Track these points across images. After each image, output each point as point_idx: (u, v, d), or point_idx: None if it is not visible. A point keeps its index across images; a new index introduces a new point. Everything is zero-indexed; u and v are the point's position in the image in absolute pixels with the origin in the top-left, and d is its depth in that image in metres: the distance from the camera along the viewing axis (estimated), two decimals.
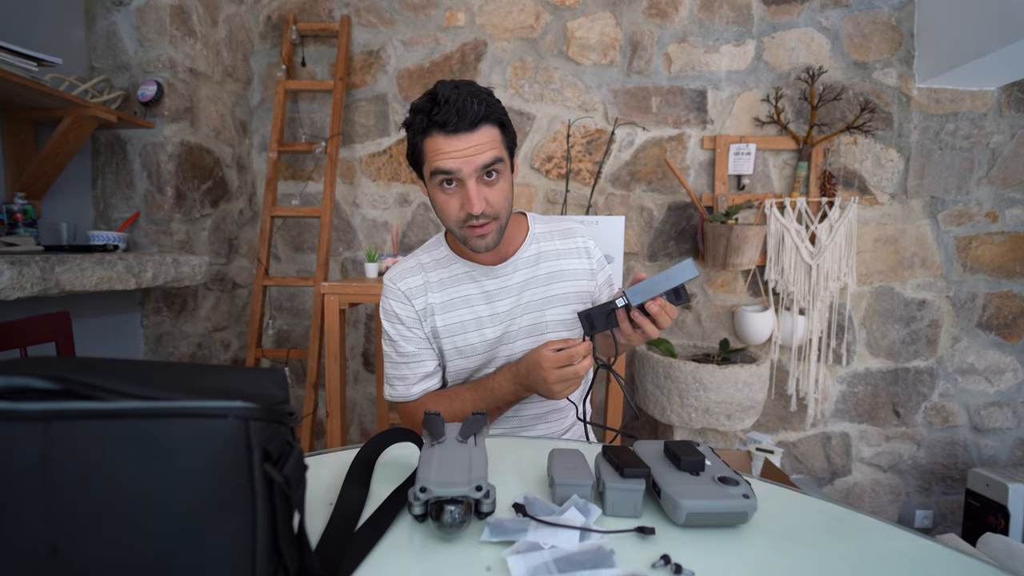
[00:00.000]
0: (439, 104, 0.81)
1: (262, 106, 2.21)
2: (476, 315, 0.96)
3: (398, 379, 0.98)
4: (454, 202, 0.85)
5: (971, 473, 1.98)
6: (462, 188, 0.84)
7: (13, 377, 0.34)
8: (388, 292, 0.98)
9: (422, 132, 0.84)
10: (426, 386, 0.98)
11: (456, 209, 0.85)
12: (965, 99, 2.05)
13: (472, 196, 0.83)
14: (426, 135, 0.83)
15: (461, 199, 0.85)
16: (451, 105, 0.80)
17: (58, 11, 1.62)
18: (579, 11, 2.11)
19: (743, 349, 2.00)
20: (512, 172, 0.92)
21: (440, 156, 0.82)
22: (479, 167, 0.82)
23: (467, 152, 0.82)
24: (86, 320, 1.57)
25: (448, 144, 0.82)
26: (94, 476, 0.34)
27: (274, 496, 0.38)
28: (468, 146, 0.82)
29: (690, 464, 0.57)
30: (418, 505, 0.50)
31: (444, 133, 0.81)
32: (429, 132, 0.83)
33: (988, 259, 2.10)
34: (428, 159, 0.84)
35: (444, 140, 0.82)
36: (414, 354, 0.96)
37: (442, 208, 0.87)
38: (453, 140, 0.82)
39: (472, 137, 0.82)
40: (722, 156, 2.08)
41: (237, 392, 0.36)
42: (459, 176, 0.83)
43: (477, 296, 0.96)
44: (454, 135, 0.81)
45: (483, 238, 0.87)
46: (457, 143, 0.82)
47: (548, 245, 1.00)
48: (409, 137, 0.87)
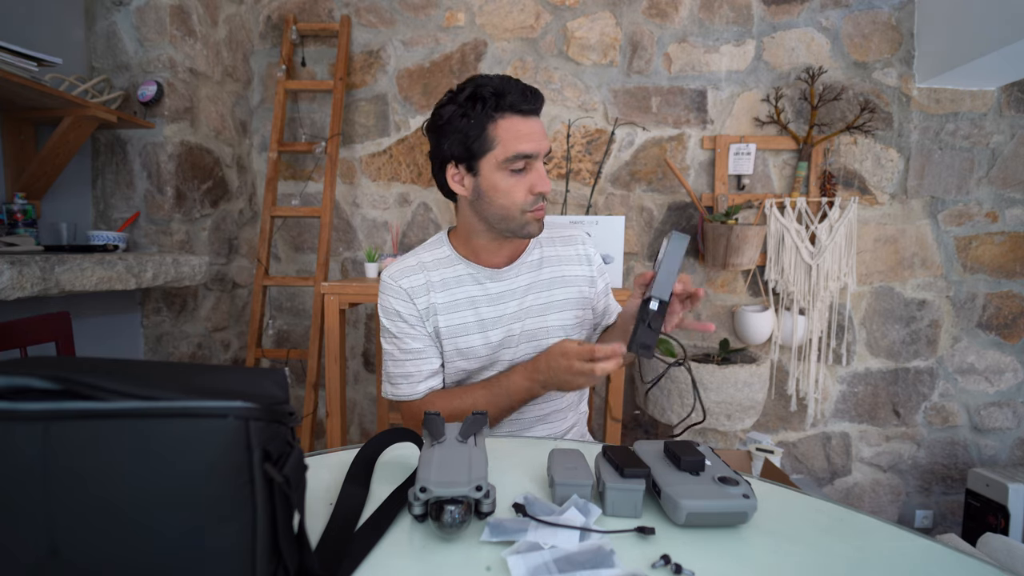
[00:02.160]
0: (509, 89, 0.84)
1: (262, 106, 2.21)
2: (479, 317, 0.95)
3: (402, 377, 0.96)
4: (522, 185, 0.87)
5: (971, 473, 1.98)
6: (530, 171, 0.87)
7: (13, 377, 0.34)
8: (388, 289, 0.96)
9: (489, 117, 0.84)
10: (431, 384, 0.96)
11: (524, 192, 0.87)
12: (965, 99, 2.05)
13: (544, 175, 0.87)
14: (494, 119, 0.84)
15: (530, 181, 0.87)
16: (522, 88, 0.85)
17: (58, 11, 1.62)
18: (579, 11, 2.11)
19: (743, 349, 2.00)
20: None
21: (521, 138, 0.84)
22: (547, 150, 0.88)
23: (539, 135, 0.86)
24: (86, 320, 1.57)
25: (527, 126, 0.85)
26: (94, 476, 0.34)
27: (274, 496, 0.38)
28: (538, 129, 0.87)
29: (690, 464, 0.57)
30: (418, 505, 0.50)
31: (521, 114, 0.85)
32: (501, 115, 0.84)
33: (988, 259, 2.10)
34: (503, 143, 0.85)
35: (522, 121, 0.85)
36: (420, 351, 0.95)
37: (508, 193, 0.87)
38: (530, 122, 0.86)
39: (539, 122, 0.88)
40: (722, 156, 2.08)
41: (237, 392, 0.37)
42: (535, 157, 0.86)
43: (481, 298, 0.95)
44: (530, 116, 0.86)
45: (539, 222, 0.91)
46: (534, 125, 0.86)
47: (551, 250, 1.00)
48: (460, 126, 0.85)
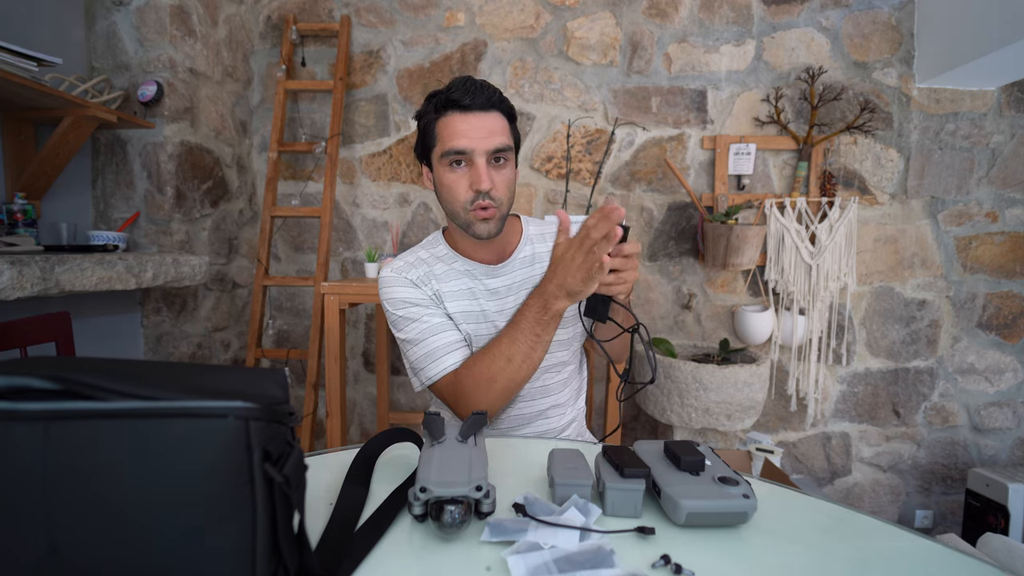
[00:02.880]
0: (455, 86, 0.84)
1: (262, 106, 2.21)
2: (482, 308, 0.96)
3: (426, 357, 0.90)
4: (463, 182, 0.86)
5: (971, 473, 1.98)
6: (471, 168, 0.85)
7: (13, 377, 0.34)
8: (393, 282, 0.94)
9: (435, 112, 0.86)
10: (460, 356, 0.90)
11: (464, 189, 0.86)
12: (965, 99, 2.05)
13: (482, 173, 0.84)
14: (440, 115, 0.86)
15: (470, 178, 0.85)
16: (467, 85, 0.84)
17: (58, 11, 1.62)
18: (579, 11, 2.11)
19: (743, 349, 2.00)
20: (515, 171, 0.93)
21: (454, 135, 0.84)
22: (491, 148, 0.85)
23: (481, 132, 0.84)
24: (86, 320, 1.57)
25: (463, 122, 0.84)
26: (94, 476, 0.34)
27: (274, 496, 0.38)
28: (482, 125, 0.84)
29: (690, 464, 0.57)
30: (418, 505, 0.50)
31: (459, 111, 0.84)
32: (444, 112, 0.85)
33: (988, 259, 2.10)
34: (441, 140, 0.86)
35: (460, 118, 0.84)
36: (439, 325, 0.91)
37: (450, 188, 0.87)
38: (468, 118, 0.84)
39: (485, 118, 0.85)
40: (722, 156, 2.08)
41: (237, 392, 0.37)
42: (471, 155, 0.84)
43: (481, 291, 0.96)
44: (469, 112, 0.84)
45: (487, 223, 0.87)
46: (472, 120, 0.84)
47: (542, 247, 1.00)
48: (421, 127, 0.89)
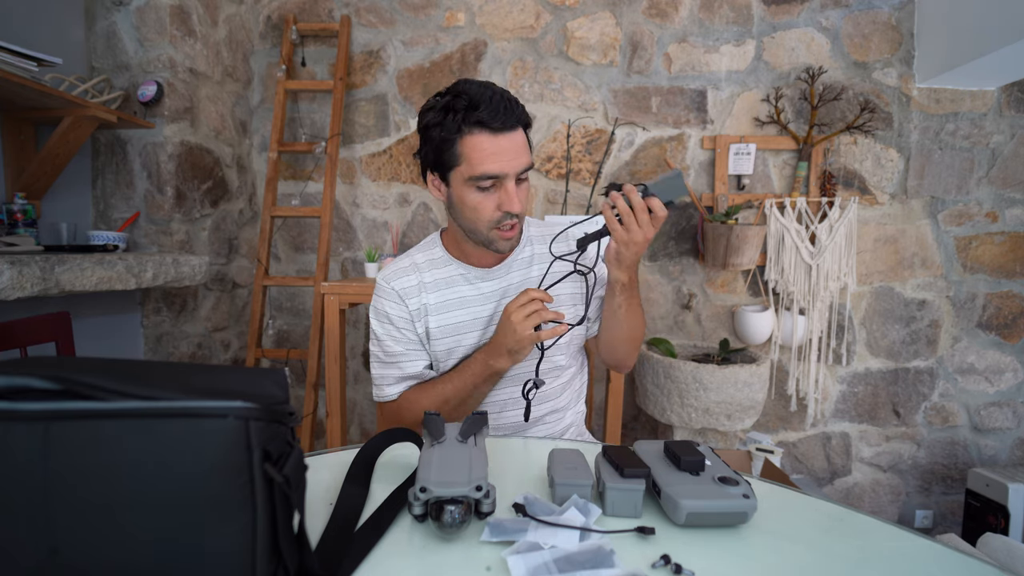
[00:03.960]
0: (482, 102, 0.79)
1: (262, 106, 2.21)
2: (473, 316, 0.95)
3: (379, 379, 0.99)
4: (489, 203, 0.84)
5: (971, 473, 1.98)
6: (499, 189, 0.84)
7: (13, 377, 0.34)
8: (381, 291, 0.97)
9: (458, 131, 0.81)
10: (405, 387, 0.98)
11: (491, 210, 0.85)
12: (965, 99, 2.05)
13: (513, 196, 0.83)
14: (463, 134, 0.81)
15: (498, 199, 0.84)
16: (495, 104, 0.80)
17: (58, 11, 1.62)
18: (579, 11, 2.11)
19: (743, 349, 2.00)
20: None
21: (487, 157, 0.81)
22: (520, 169, 0.83)
23: (510, 155, 0.82)
24: (86, 320, 1.57)
25: (494, 144, 0.81)
26: (94, 476, 0.34)
27: (274, 496, 0.38)
28: (512, 146, 0.82)
29: (690, 464, 0.57)
30: (418, 505, 0.50)
31: (490, 132, 0.80)
32: (469, 130, 0.81)
33: (988, 259, 2.10)
34: (468, 161, 0.82)
35: (490, 139, 0.81)
36: (400, 354, 0.96)
37: (476, 209, 0.85)
38: (499, 139, 0.81)
39: (514, 137, 0.82)
40: (722, 156, 2.08)
41: (237, 392, 0.37)
42: (504, 177, 0.82)
43: (473, 298, 0.96)
44: (500, 134, 0.81)
45: (510, 240, 0.88)
46: (503, 142, 0.81)
47: (541, 247, 0.99)
48: (434, 136, 0.84)
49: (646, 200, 0.82)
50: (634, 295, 0.93)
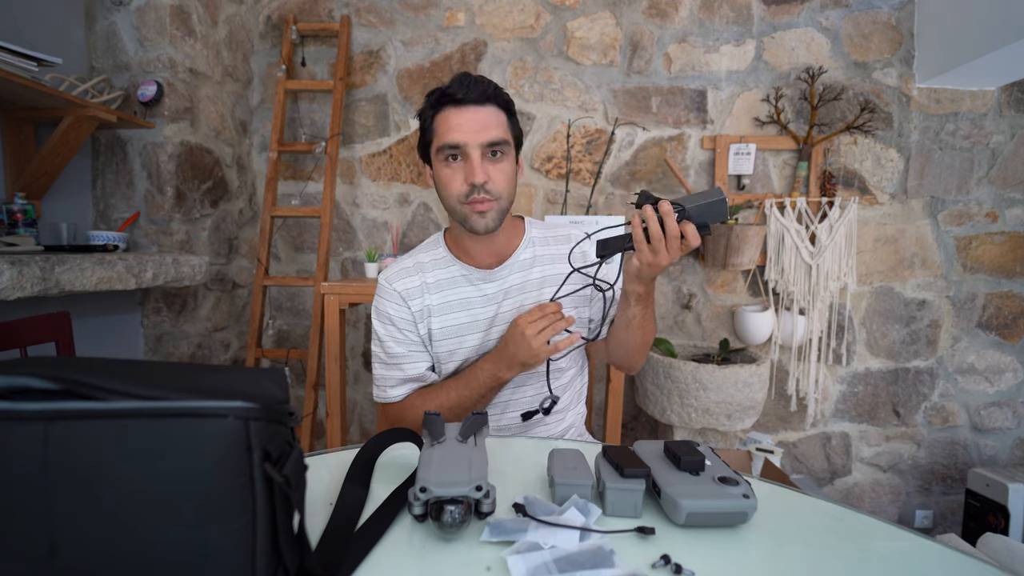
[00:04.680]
0: (453, 82, 0.85)
1: (262, 106, 2.21)
2: (474, 318, 0.95)
3: (381, 380, 0.99)
4: (458, 176, 0.86)
5: (971, 473, 1.98)
6: (466, 162, 0.85)
7: (13, 377, 0.34)
8: (383, 292, 0.97)
9: (433, 108, 0.87)
10: (407, 389, 0.98)
11: (459, 183, 0.86)
12: (965, 99, 2.05)
13: (476, 166, 0.84)
14: (437, 111, 0.86)
15: (465, 172, 0.85)
16: (463, 80, 0.84)
17: (58, 11, 1.62)
18: (579, 11, 2.11)
19: (743, 349, 2.00)
20: (517, 165, 0.92)
21: (451, 128, 0.85)
22: (485, 142, 0.84)
23: (475, 126, 0.84)
24: (86, 320, 1.57)
25: (458, 116, 0.84)
26: (94, 476, 0.34)
27: (274, 496, 0.38)
28: (476, 119, 0.84)
29: (690, 464, 0.57)
30: (418, 505, 0.50)
31: (454, 105, 0.84)
32: (441, 107, 0.86)
33: (988, 259, 2.10)
34: (438, 135, 0.86)
35: (454, 112, 0.84)
36: (402, 356, 0.96)
37: (445, 183, 0.88)
38: (463, 112, 0.84)
39: (480, 111, 0.84)
40: (722, 156, 2.08)
41: (237, 392, 0.37)
42: (465, 149, 0.84)
43: (475, 299, 0.95)
44: (463, 106, 0.84)
45: (483, 216, 0.87)
46: (466, 114, 0.84)
47: (543, 249, 0.99)
48: (421, 124, 0.90)
49: (681, 226, 0.76)
50: (649, 305, 0.91)
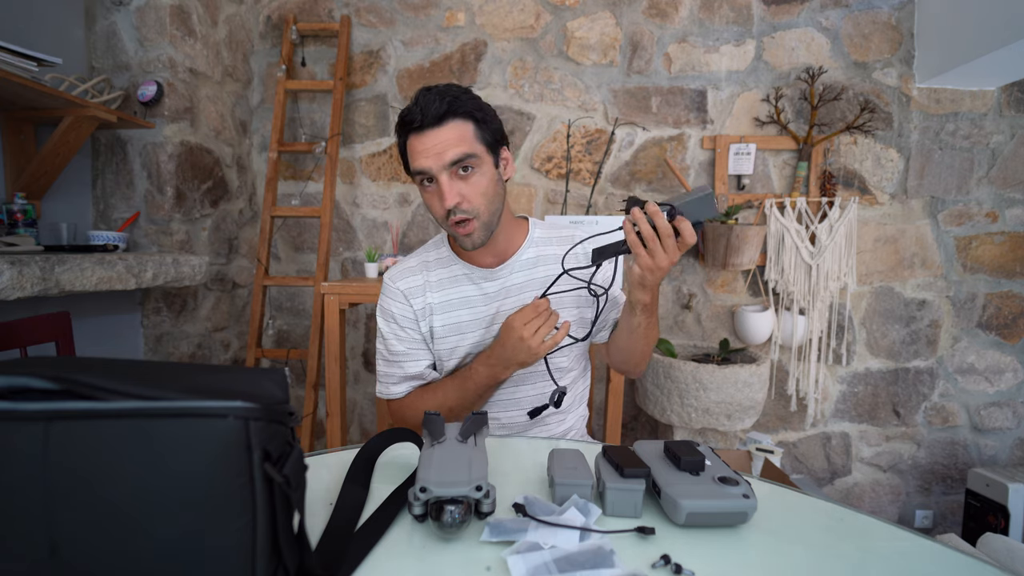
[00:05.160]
0: (409, 109, 0.85)
1: (262, 106, 2.21)
2: (476, 316, 0.96)
3: (384, 376, 1.00)
4: (435, 200, 0.87)
5: (971, 473, 1.98)
6: (438, 186, 0.86)
7: (13, 377, 0.34)
8: (387, 291, 0.99)
9: (401, 137, 0.88)
10: (408, 387, 0.99)
11: (437, 206, 0.88)
12: (965, 99, 2.05)
13: (444, 190, 0.84)
14: (405, 138, 0.87)
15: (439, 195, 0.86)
16: (417, 105, 0.84)
17: (58, 11, 1.62)
18: (579, 11, 2.11)
19: (743, 349, 2.00)
20: (499, 167, 0.90)
21: (416, 156, 0.85)
22: (447, 163, 0.84)
23: (435, 149, 0.84)
24: (86, 320, 1.57)
25: (420, 143, 0.85)
26: (94, 476, 0.34)
27: (274, 496, 0.38)
28: (436, 142, 0.84)
29: (690, 464, 0.57)
30: (418, 505, 0.50)
31: (414, 132, 0.85)
32: (406, 135, 0.87)
33: (988, 259, 2.10)
34: (410, 159, 0.87)
35: (417, 139, 0.85)
36: (403, 353, 0.97)
37: (429, 206, 0.90)
38: (423, 138, 0.84)
39: (439, 133, 0.84)
40: (722, 156, 2.08)
41: (237, 392, 0.37)
42: (432, 173, 0.85)
43: (477, 298, 0.96)
44: (421, 132, 0.84)
45: (468, 236, 0.88)
46: (426, 140, 0.84)
47: (547, 249, 0.99)
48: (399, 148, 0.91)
49: (675, 223, 0.75)
50: (654, 313, 0.91)
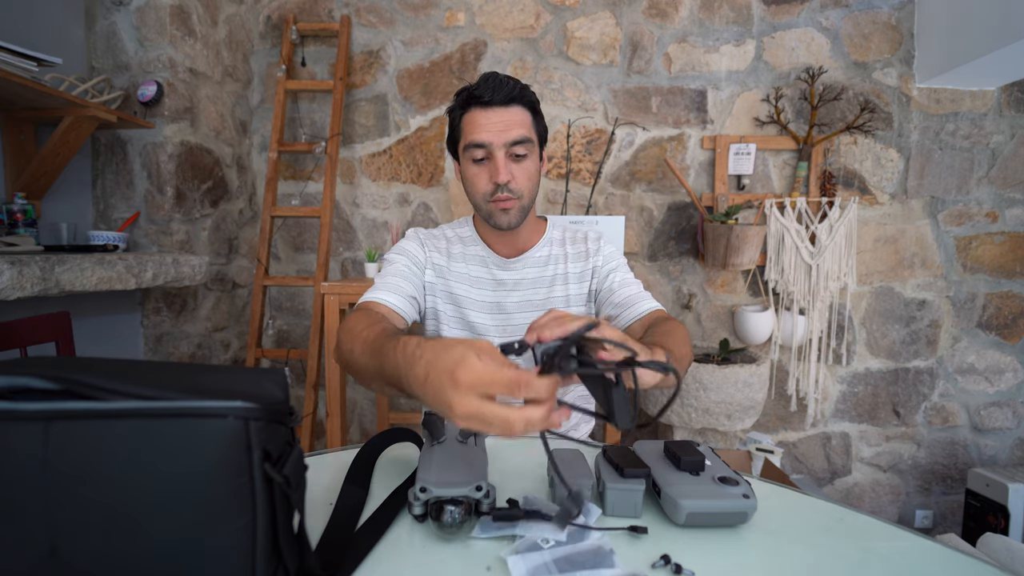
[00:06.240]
0: (480, 83, 0.89)
1: (262, 106, 2.21)
2: (483, 298, 0.99)
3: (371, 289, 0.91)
4: (483, 175, 0.90)
5: (971, 473, 1.98)
6: (491, 161, 0.89)
7: (13, 377, 0.34)
8: (408, 235, 1.04)
9: (461, 108, 0.91)
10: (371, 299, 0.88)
11: (484, 182, 0.90)
12: (965, 99, 2.05)
13: (500, 166, 0.88)
14: (464, 111, 0.90)
15: (490, 171, 0.90)
16: (489, 81, 0.88)
17: (58, 11, 1.62)
18: (579, 11, 2.11)
19: (743, 349, 2.00)
20: (541, 162, 0.96)
21: (475, 129, 0.88)
22: (509, 141, 0.88)
23: (499, 126, 0.87)
24: (86, 320, 1.57)
25: (483, 117, 0.88)
26: (94, 476, 0.34)
27: (274, 496, 0.38)
28: (501, 119, 0.87)
29: (690, 464, 0.57)
30: (418, 505, 0.50)
31: (480, 107, 0.88)
32: (468, 108, 0.90)
33: (988, 259, 2.10)
34: (464, 134, 0.90)
35: (480, 113, 0.88)
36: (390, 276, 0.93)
37: (472, 181, 0.92)
38: (488, 113, 0.88)
39: (505, 112, 0.88)
40: (722, 156, 2.08)
41: (237, 392, 0.37)
42: (490, 149, 0.88)
43: (487, 281, 0.99)
44: (489, 108, 0.88)
45: (506, 213, 0.91)
46: (491, 115, 0.88)
47: (559, 249, 1.02)
48: (450, 121, 0.94)
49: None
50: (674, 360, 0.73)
